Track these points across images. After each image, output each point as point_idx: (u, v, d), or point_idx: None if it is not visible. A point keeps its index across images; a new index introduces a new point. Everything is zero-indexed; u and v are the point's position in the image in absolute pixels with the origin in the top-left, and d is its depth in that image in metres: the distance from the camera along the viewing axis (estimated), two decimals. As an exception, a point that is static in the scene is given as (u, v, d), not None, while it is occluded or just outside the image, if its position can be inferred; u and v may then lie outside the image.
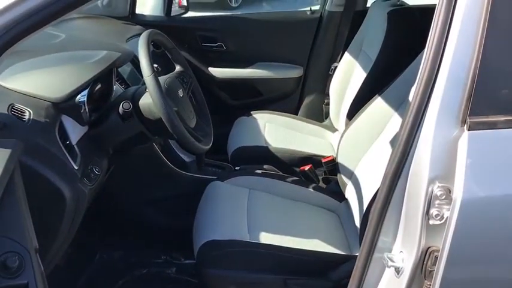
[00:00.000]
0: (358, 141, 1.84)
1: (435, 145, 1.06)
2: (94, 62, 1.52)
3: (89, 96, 1.45)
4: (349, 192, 1.81)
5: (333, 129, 2.53)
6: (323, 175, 2.16)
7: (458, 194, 1.03)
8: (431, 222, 1.10)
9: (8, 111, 1.27)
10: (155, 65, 1.78)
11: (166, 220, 2.01)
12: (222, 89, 2.78)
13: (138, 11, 2.70)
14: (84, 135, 1.47)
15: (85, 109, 1.42)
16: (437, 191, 1.07)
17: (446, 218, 1.07)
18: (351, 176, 1.82)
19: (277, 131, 2.44)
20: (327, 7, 2.66)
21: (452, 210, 1.05)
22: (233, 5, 7.91)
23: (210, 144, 1.64)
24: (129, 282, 1.92)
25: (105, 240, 2.03)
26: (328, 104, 2.65)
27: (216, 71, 2.73)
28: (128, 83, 1.89)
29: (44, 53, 1.65)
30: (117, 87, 1.74)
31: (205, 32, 2.69)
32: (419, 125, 1.09)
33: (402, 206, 1.16)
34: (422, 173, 1.09)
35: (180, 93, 1.56)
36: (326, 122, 2.71)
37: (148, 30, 1.51)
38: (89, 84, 1.42)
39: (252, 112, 2.57)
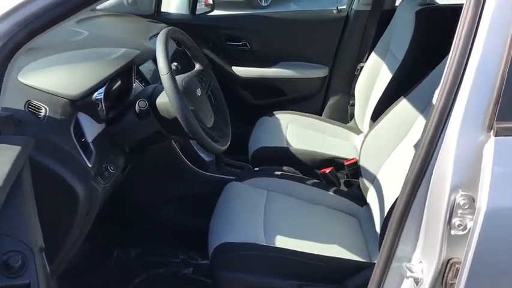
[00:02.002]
0: (382, 144, 1.78)
1: (459, 151, 1.00)
2: (112, 59, 1.52)
3: (106, 93, 1.45)
4: (371, 197, 1.75)
5: (358, 131, 2.47)
6: (345, 178, 2.10)
7: (482, 204, 0.97)
8: (453, 232, 1.04)
9: (24, 107, 1.27)
10: (175, 64, 1.77)
11: (184, 219, 2.00)
12: (245, 88, 2.74)
13: (163, 9, 2.69)
14: (101, 133, 1.47)
15: (102, 107, 1.41)
16: (460, 200, 1.02)
17: (470, 228, 1.02)
18: (373, 180, 1.77)
19: (300, 131, 2.39)
20: (354, 6, 2.59)
21: (475, 221, 0.99)
22: (263, 4, 7.86)
23: (227, 145, 1.61)
24: (146, 281, 1.92)
25: (123, 238, 2.02)
26: (353, 105, 2.59)
27: (240, 70, 2.70)
28: (148, 81, 1.88)
29: (65, 50, 1.66)
30: (136, 85, 1.73)
31: (229, 31, 2.67)
32: (442, 129, 1.03)
33: (423, 213, 1.11)
34: (444, 180, 1.03)
35: (198, 92, 1.54)
36: (351, 123, 2.65)
37: (167, 28, 1.49)
38: (106, 82, 1.41)
39: (274, 112, 2.53)
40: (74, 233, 1.32)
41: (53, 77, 1.41)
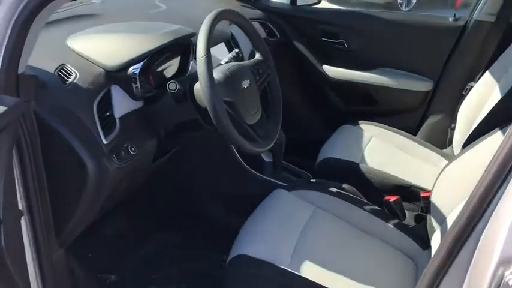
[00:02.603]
0: (461, 180, 1.46)
1: (518, 213, 0.73)
2: (158, 35, 1.41)
3: (146, 68, 1.36)
4: (435, 241, 1.45)
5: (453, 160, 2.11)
6: (419, 211, 1.79)
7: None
8: (495, 318, 0.76)
9: (54, 71, 1.24)
10: (236, 50, 1.62)
11: (228, 218, 1.85)
12: (334, 90, 2.51)
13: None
14: (135, 111, 1.38)
15: (138, 83, 1.32)
16: (510, 278, 0.74)
17: (518, 320, 0.73)
18: (442, 221, 1.46)
19: (382, 148, 2.10)
20: (475, 15, 2.19)
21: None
22: (403, 9, 7.28)
23: (267, 147, 1.42)
24: (173, 273, 1.82)
25: (163, 223, 1.95)
26: (454, 128, 2.22)
27: (331, 70, 2.47)
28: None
29: (130, 19, 1.62)
30: (194, 66, 1.62)
31: (327, 26, 2.44)
32: (504, 179, 0.77)
33: (465, 279, 0.84)
34: (492, 248, 0.76)
35: (245, 84, 1.37)
36: (447, 149, 2.28)
37: (220, 9, 1.34)
38: (145, 57, 1.32)
39: (360, 121, 2.26)
40: (83, 207, 1.26)
41: (98, 44, 1.36)
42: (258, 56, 1.52)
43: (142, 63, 1.31)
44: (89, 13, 1.61)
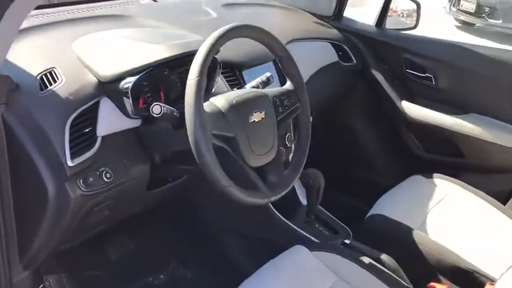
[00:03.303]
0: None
1: None
2: (166, 46, 1.20)
3: (154, 83, 1.17)
4: None
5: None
6: (482, 308, 1.39)
7: None
8: None
9: (38, 74, 1.10)
10: (268, 74, 1.37)
11: (241, 261, 1.61)
12: (411, 131, 2.13)
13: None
14: (128, 130, 1.19)
15: (130, 99, 1.13)
16: None
17: None
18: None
19: (453, 213, 1.69)
20: None
21: None
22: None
23: (271, 199, 1.13)
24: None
25: (178, 252, 1.76)
26: (558, 203, 1.74)
27: (411, 108, 2.09)
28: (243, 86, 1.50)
29: (162, 25, 1.45)
30: (222, 86, 1.40)
31: (413, 57, 2.07)
32: None
33: None
34: None
35: (256, 117, 1.11)
36: (544, 230, 1.79)
37: (235, 24, 1.10)
38: (142, 71, 1.13)
39: (435, 174, 1.86)
40: (43, 232, 1.12)
41: (100, 50, 1.20)
42: (288, 84, 1.25)
43: (137, 77, 1.12)
44: (121, 14, 1.47)
